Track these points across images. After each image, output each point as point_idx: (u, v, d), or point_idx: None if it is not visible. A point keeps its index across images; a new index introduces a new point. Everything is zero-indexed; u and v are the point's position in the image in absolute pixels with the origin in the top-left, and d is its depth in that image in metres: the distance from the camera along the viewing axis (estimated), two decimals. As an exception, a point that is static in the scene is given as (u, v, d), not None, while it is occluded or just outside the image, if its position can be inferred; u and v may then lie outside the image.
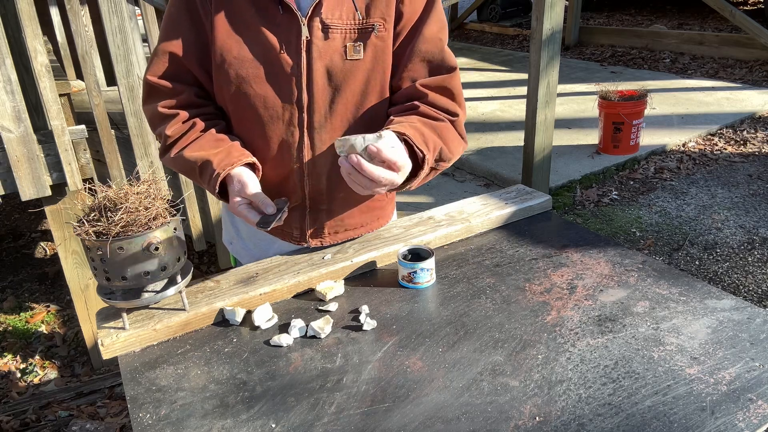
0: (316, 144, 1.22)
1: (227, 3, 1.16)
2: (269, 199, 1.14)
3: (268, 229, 1.12)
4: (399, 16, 1.19)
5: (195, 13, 1.19)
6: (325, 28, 1.16)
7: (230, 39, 1.16)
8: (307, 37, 1.15)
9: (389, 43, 1.20)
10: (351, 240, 1.38)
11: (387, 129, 1.11)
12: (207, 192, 2.75)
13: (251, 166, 1.19)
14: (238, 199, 1.15)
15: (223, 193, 1.20)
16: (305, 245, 1.36)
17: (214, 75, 1.21)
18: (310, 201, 1.29)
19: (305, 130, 1.21)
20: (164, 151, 1.24)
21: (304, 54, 1.16)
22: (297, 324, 1.13)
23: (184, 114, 1.21)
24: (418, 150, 1.11)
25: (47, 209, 2.59)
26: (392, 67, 1.23)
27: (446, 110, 1.23)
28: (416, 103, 1.21)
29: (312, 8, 1.14)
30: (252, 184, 1.15)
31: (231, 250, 1.51)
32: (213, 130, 1.22)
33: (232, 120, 1.26)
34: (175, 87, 1.21)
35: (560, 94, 5.35)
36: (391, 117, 1.21)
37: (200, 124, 1.21)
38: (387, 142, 1.04)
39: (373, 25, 1.17)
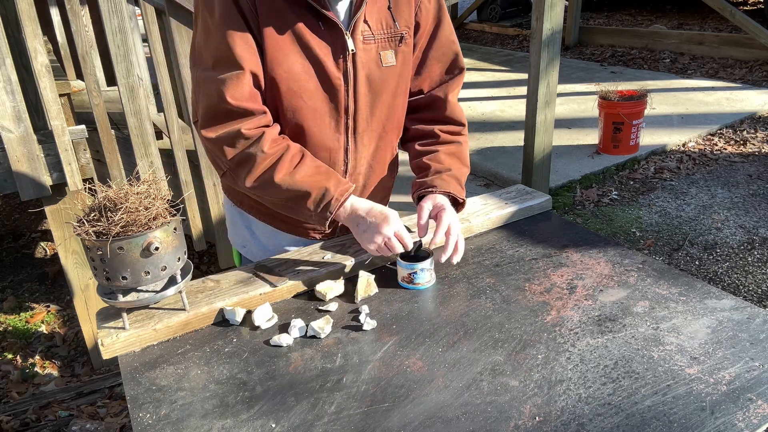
0: (358, 147, 1.31)
1: (275, 18, 1.14)
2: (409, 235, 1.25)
3: (412, 253, 1.26)
4: (417, 26, 1.29)
5: (248, 30, 1.15)
6: (366, 40, 1.22)
7: (279, 53, 1.17)
8: (352, 50, 1.20)
9: (412, 48, 1.30)
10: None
11: (432, 191, 1.30)
12: (207, 192, 2.75)
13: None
14: (392, 228, 1.21)
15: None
16: (330, 238, 1.43)
17: (266, 89, 1.20)
18: None
19: (350, 135, 1.28)
20: (254, 174, 1.20)
21: (350, 65, 1.21)
22: (297, 324, 1.13)
23: (270, 131, 1.19)
24: (461, 200, 1.32)
25: (47, 209, 2.59)
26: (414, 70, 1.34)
27: (458, 122, 1.39)
28: (435, 131, 1.37)
29: (354, 21, 1.19)
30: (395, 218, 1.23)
31: (245, 254, 1.49)
32: (309, 154, 1.23)
33: (284, 131, 1.25)
34: (257, 108, 1.18)
35: (560, 94, 5.35)
36: (423, 159, 1.35)
37: (294, 146, 1.22)
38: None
39: (402, 33, 1.26)
